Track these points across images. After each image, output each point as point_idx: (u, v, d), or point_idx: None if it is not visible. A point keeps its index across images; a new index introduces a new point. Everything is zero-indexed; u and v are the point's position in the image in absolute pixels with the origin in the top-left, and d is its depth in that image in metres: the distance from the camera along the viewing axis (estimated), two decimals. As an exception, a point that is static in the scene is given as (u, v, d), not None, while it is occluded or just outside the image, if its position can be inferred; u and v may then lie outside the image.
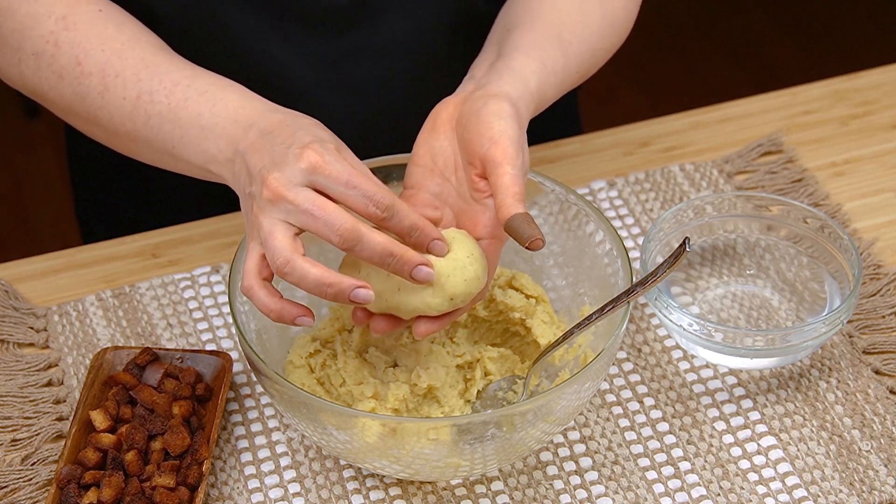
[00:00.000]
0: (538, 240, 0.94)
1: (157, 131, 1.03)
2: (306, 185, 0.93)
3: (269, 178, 0.94)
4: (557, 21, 1.09)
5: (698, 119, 1.36)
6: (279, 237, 0.93)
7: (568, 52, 1.08)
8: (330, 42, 1.21)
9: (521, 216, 0.95)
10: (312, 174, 0.93)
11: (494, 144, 0.97)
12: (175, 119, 1.02)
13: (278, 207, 0.93)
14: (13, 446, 1.08)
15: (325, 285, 0.93)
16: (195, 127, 1.01)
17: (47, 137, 2.71)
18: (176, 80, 1.04)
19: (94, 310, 1.18)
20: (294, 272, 0.93)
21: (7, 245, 2.51)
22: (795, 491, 1.04)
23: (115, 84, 1.05)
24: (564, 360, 1.08)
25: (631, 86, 2.86)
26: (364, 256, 0.93)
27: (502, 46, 1.07)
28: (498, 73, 1.03)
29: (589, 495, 1.04)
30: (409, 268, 0.94)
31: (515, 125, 0.99)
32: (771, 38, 2.96)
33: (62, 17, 1.07)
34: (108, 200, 1.40)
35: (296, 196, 0.93)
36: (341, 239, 0.92)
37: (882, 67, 1.42)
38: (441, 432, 0.96)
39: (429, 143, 1.03)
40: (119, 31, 1.07)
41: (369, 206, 0.94)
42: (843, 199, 1.28)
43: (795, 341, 1.08)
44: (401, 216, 0.95)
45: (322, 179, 0.93)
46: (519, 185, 0.96)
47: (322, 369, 1.06)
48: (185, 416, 1.05)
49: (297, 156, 0.94)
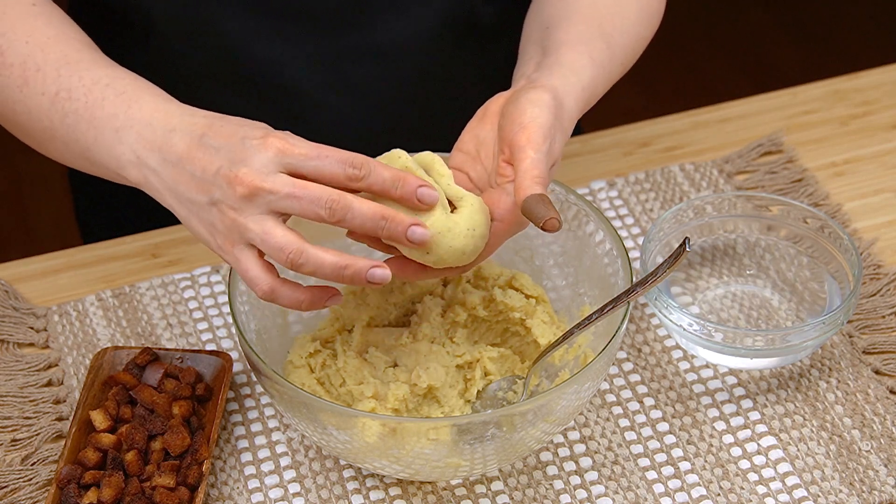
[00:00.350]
0: (553, 219, 0.93)
1: (72, 130, 1.01)
2: (280, 170, 0.91)
3: (238, 175, 0.91)
4: (596, 14, 1.09)
5: (698, 119, 1.36)
6: (279, 232, 0.91)
7: (612, 43, 1.08)
8: (328, 43, 1.21)
9: (537, 196, 0.94)
10: (282, 157, 0.91)
11: (522, 129, 0.96)
12: (91, 118, 1.00)
13: (257, 201, 0.91)
14: (13, 446, 1.08)
15: (341, 268, 0.91)
16: (110, 129, 0.99)
17: (47, 137, 2.71)
18: (95, 79, 1.01)
19: (94, 310, 1.18)
20: (309, 262, 0.91)
21: (7, 245, 2.51)
22: (795, 491, 1.04)
23: (35, 78, 1.02)
24: (564, 360, 1.08)
25: (631, 86, 2.86)
26: (356, 225, 0.92)
27: (546, 45, 1.06)
28: (548, 69, 1.03)
29: (589, 495, 1.04)
30: (403, 229, 0.92)
31: (549, 114, 0.98)
32: (771, 38, 2.97)
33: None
34: (108, 200, 1.40)
35: (273, 184, 0.91)
36: (330, 211, 0.91)
37: (882, 67, 1.42)
38: (441, 432, 0.96)
39: (474, 131, 1.03)
40: (47, 25, 1.04)
41: (346, 167, 0.92)
42: (843, 199, 1.28)
43: (795, 341, 1.08)
44: (379, 170, 0.92)
45: (292, 160, 0.91)
46: (539, 168, 0.95)
47: (322, 369, 1.06)
48: (185, 416, 1.05)
49: (260, 146, 0.92)
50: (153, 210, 1.35)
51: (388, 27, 1.21)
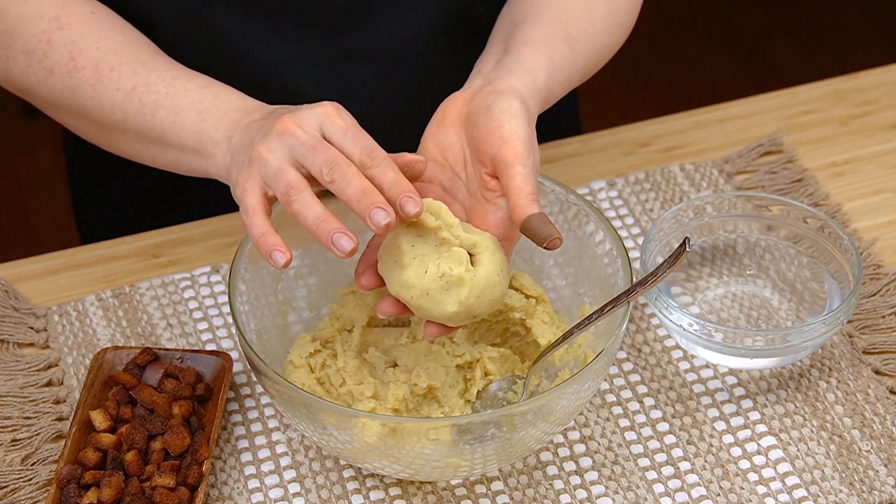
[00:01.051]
0: (556, 238, 0.95)
1: (149, 119, 1.06)
2: (316, 128, 0.97)
3: (284, 117, 0.97)
4: (564, 17, 1.09)
5: (698, 119, 1.36)
6: (291, 172, 0.96)
7: (575, 48, 1.08)
8: (327, 44, 1.21)
9: (538, 216, 0.95)
10: (323, 119, 0.97)
11: (505, 144, 0.97)
12: (172, 105, 1.05)
13: (283, 140, 0.96)
14: (13, 446, 1.08)
15: (320, 220, 0.94)
16: (193, 111, 1.04)
17: (47, 137, 2.71)
18: (176, 75, 1.07)
19: (94, 310, 1.18)
20: (299, 202, 0.94)
21: (7, 245, 2.51)
22: (795, 491, 1.04)
23: (110, 77, 1.07)
24: (564, 360, 1.08)
25: (631, 86, 2.86)
26: (340, 192, 0.94)
27: (509, 41, 1.07)
28: (507, 68, 1.03)
29: (589, 495, 1.04)
30: (370, 206, 0.93)
31: (525, 123, 0.99)
32: (771, 38, 2.96)
33: (55, 18, 1.09)
34: (107, 201, 1.40)
35: (303, 133, 0.96)
36: (327, 168, 0.94)
37: (882, 67, 1.42)
38: (441, 432, 0.96)
39: (437, 137, 1.03)
40: (113, 31, 1.09)
41: (363, 154, 0.96)
42: (843, 199, 1.28)
43: (795, 341, 1.08)
44: (385, 168, 0.95)
45: (329, 125, 0.97)
46: (532, 184, 0.97)
47: (322, 369, 1.06)
48: (185, 416, 1.05)
49: (312, 106, 0.98)
50: (152, 210, 1.35)
51: (387, 28, 1.21)
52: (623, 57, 1.20)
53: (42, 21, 1.09)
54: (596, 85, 1.80)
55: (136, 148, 1.09)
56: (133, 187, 1.37)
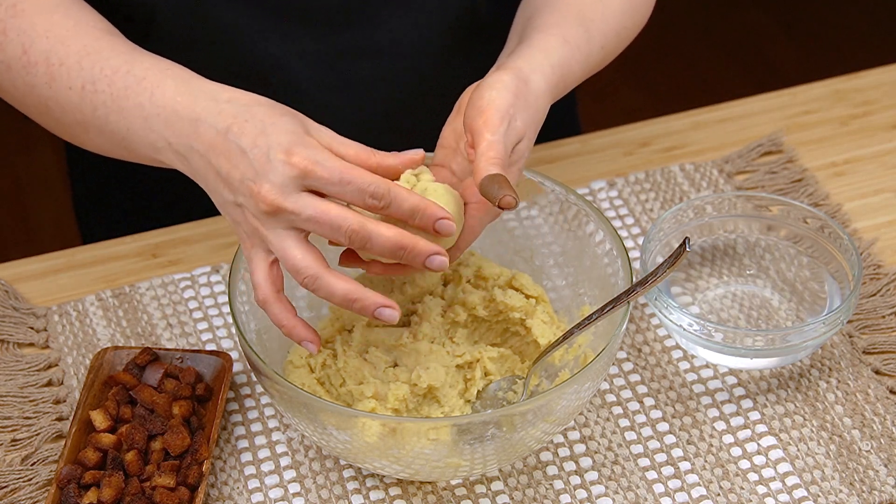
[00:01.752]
0: (507, 196, 0.93)
1: (105, 122, 1.02)
2: (301, 190, 0.93)
3: (261, 192, 0.92)
4: (577, 3, 1.09)
5: (698, 119, 1.36)
6: (297, 252, 0.93)
7: (590, 28, 1.08)
8: (329, 41, 1.21)
9: (491, 177, 0.94)
10: (305, 179, 0.92)
11: (480, 114, 0.97)
12: (119, 109, 1.01)
13: (279, 218, 0.93)
14: (13, 446, 1.08)
15: (351, 301, 0.93)
16: (139, 118, 1.00)
17: (47, 137, 2.70)
18: (115, 67, 1.01)
19: (94, 310, 1.18)
20: (321, 288, 0.93)
21: (7, 245, 2.51)
22: (795, 491, 1.04)
23: (60, 73, 1.03)
24: (564, 360, 1.08)
25: (631, 86, 2.86)
26: (375, 252, 0.94)
27: (523, 33, 1.08)
28: (517, 53, 1.04)
29: (589, 495, 1.04)
30: (422, 258, 0.93)
31: (508, 94, 0.98)
32: (771, 38, 2.96)
33: (12, 5, 1.04)
34: (107, 201, 1.40)
35: (294, 204, 0.92)
36: (350, 240, 0.93)
37: (882, 67, 1.42)
38: (441, 432, 0.96)
39: (452, 124, 1.04)
40: (66, 16, 1.04)
41: (366, 198, 0.93)
42: (843, 199, 1.28)
43: (795, 341, 1.08)
44: (399, 201, 0.94)
45: (315, 182, 0.93)
46: (495, 149, 0.96)
47: (322, 369, 1.06)
48: (185, 416, 1.05)
49: (284, 163, 0.92)
50: (153, 210, 1.35)
51: (388, 26, 1.21)
52: (623, 56, 1.20)
53: (1, 9, 1.04)
54: (596, 84, 1.80)
55: (105, 147, 1.05)
56: (133, 187, 1.37)
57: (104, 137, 1.03)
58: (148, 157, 1.02)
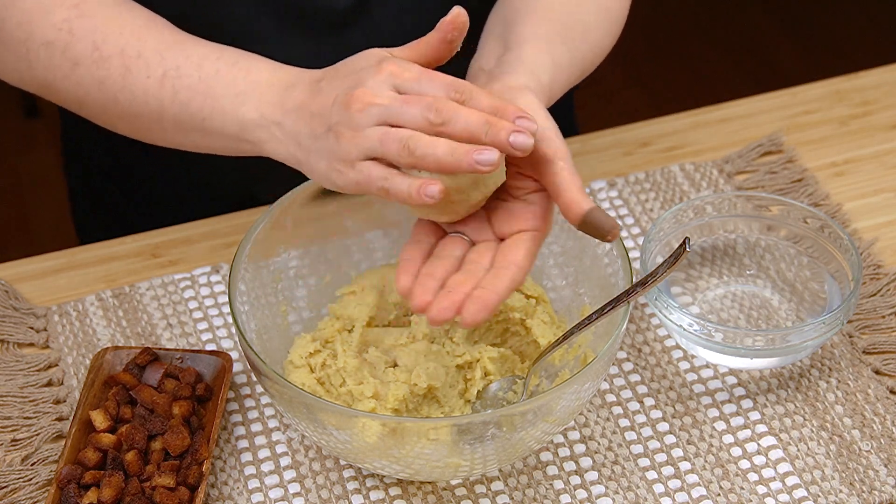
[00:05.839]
0: (617, 228, 0.94)
1: (186, 105, 1.03)
2: (391, 89, 0.94)
3: (354, 94, 0.94)
4: (557, 14, 1.08)
5: (698, 119, 1.36)
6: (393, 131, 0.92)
7: (572, 47, 1.08)
8: (329, 41, 1.21)
9: (595, 210, 0.94)
10: (393, 79, 0.94)
11: (541, 140, 0.96)
12: (207, 90, 1.02)
13: (371, 113, 0.93)
14: (13, 446, 1.08)
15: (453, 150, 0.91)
16: (230, 95, 1.01)
17: (47, 137, 2.71)
18: (203, 55, 1.04)
19: (94, 310, 1.18)
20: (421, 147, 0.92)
21: (7, 245, 2.51)
22: (795, 491, 1.04)
23: (138, 65, 1.04)
24: (564, 360, 1.08)
25: (631, 86, 2.86)
26: (459, 129, 0.92)
27: (507, 39, 1.06)
28: (510, 65, 1.02)
29: (589, 495, 1.04)
30: (507, 133, 0.91)
31: (550, 117, 0.98)
32: (771, 38, 2.97)
33: (74, 6, 1.06)
34: (105, 202, 1.40)
35: (384, 99, 0.93)
36: (437, 113, 0.92)
37: (882, 67, 1.42)
38: (441, 432, 0.96)
39: None
40: (134, 16, 1.06)
41: (450, 90, 0.94)
42: (843, 199, 1.28)
43: (795, 341, 1.08)
44: (479, 96, 0.94)
45: (401, 82, 0.94)
46: (578, 178, 0.96)
47: (322, 369, 1.06)
48: (185, 416, 1.05)
49: (374, 71, 0.95)
50: (152, 210, 1.35)
51: (387, 26, 1.21)
52: (623, 57, 1.21)
53: (62, 9, 1.05)
54: (596, 85, 1.80)
55: (175, 137, 1.06)
56: (132, 188, 1.37)
57: (180, 124, 1.04)
58: (230, 136, 1.02)
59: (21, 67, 1.08)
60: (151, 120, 1.05)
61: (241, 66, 1.02)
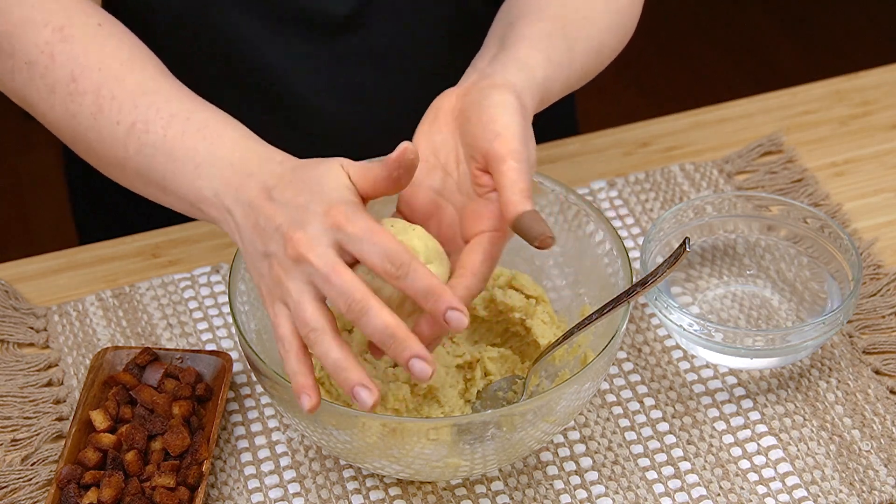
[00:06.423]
0: (548, 237, 0.91)
1: (149, 161, 1.00)
2: (330, 244, 0.91)
3: (294, 237, 0.91)
4: (562, 14, 1.06)
5: (698, 119, 1.37)
6: (309, 309, 0.91)
7: (574, 46, 1.06)
8: (327, 47, 1.21)
9: (530, 213, 0.92)
10: (336, 232, 0.91)
11: (498, 138, 0.94)
12: (169, 152, 0.99)
13: (301, 268, 0.91)
14: (13, 446, 1.08)
15: (340, 369, 0.90)
16: (190, 163, 0.98)
17: (47, 137, 2.70)
18: (174, 112, 1.00)
19: (94, 310, 1.18)
20: (315, 348, 0.91)
21: (7, 245, 2.51)
22: (795, 491, 1.04)
23: (111, 107, 1.02)
24: (564, 360, 1.08)
25: (631, 86, 2.86)
26: (367, 332, 0.90)
27: (505, 39, 1.04)
28: (502, 63, 1.00)
29: (589, 495, 1.04)
30: (407, 356, 0.89)
31: (520, 117, 0.96)
32: (771, 38, 2.97)
33: (59, 28, 1.03)
34: (105, 202, 1.40)
35: (318, 258, 0.90)
36: (349, 309, 0.90)
37: (882, 67, 1.42)
38: (441, 432, 0.96)
39: (429, 136, 1.00)
40: (118, 49, 1.04)
41: (387, 263, 0.90)
42: (843, 199, 1.28)
43: (795, 341, 1.08)
44: (416, 276, 0.90)
45: (343, 237, 0.91)
46: (524, 180, 0.93)
47: (322, 369, 1.06)
48: (185, 416, 1.05)
49: (322, 215, 0.91)
50: (151, 211, 1.35)
51: (387, 31, 1.21)
52: (623, 57, 1.20)
53: (46, 30, 1.03)
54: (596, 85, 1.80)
55: (136, 185, 1.04)
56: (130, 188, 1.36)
57: (141, 177, 1.02)
58: (185, 202, 1.00)
59: (5, 79, 1.07)
60: (115, 165, 1.03)
61: (206, 134, 0.99)
